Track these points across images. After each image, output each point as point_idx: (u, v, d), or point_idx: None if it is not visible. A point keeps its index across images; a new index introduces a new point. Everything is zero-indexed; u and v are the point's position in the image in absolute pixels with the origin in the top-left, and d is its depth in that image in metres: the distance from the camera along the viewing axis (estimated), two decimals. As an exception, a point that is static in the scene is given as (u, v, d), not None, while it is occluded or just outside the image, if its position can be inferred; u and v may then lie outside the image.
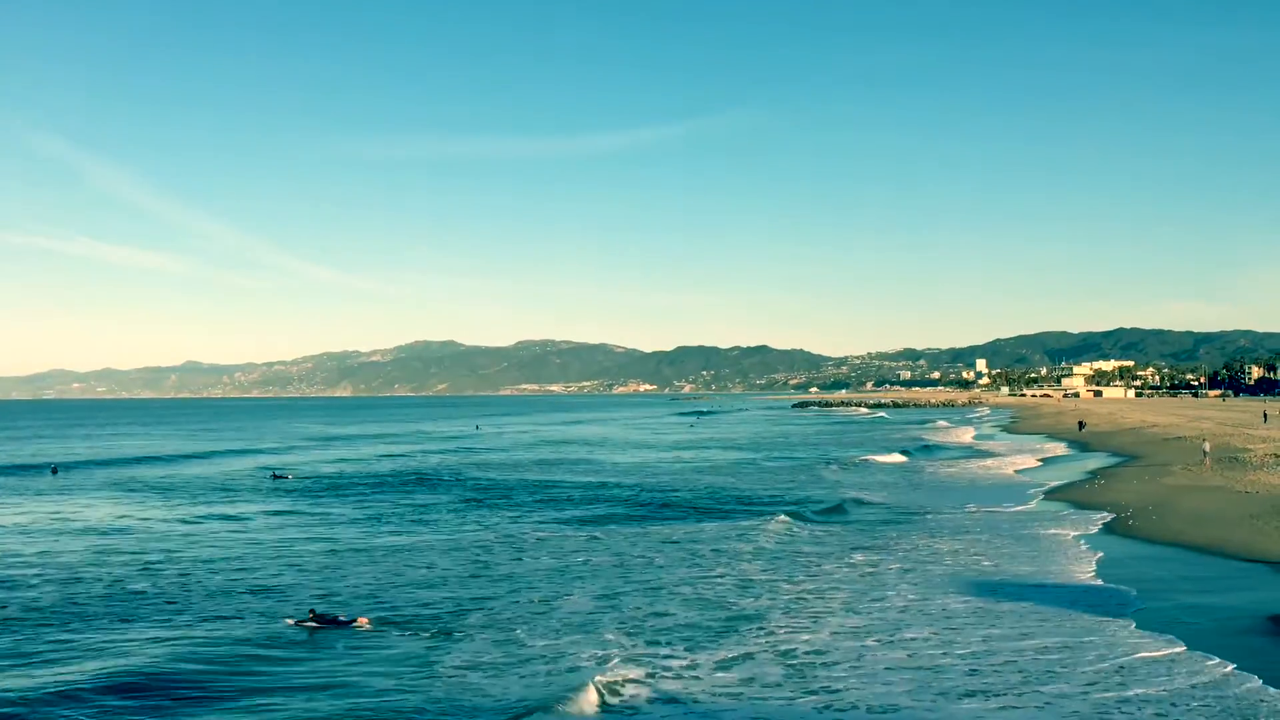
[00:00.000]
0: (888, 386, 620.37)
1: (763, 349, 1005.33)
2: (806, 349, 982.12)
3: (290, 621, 25.16)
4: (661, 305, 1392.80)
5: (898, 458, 78.98)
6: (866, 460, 76.14)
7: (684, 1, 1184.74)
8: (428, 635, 23.56)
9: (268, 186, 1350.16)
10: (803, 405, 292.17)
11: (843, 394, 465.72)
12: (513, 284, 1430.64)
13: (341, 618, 25.10)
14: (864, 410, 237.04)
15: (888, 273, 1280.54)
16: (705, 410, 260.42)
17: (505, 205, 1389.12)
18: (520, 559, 33.82)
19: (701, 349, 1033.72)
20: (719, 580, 29.49)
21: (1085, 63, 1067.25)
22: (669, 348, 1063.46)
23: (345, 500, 54.41)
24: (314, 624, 24.71)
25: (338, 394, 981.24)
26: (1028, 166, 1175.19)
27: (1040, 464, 71.07)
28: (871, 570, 30.80)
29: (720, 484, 60.77)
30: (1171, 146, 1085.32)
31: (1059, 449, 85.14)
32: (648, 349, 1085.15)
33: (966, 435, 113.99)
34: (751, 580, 29.44)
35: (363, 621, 24.93)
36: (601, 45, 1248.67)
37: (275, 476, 69.32)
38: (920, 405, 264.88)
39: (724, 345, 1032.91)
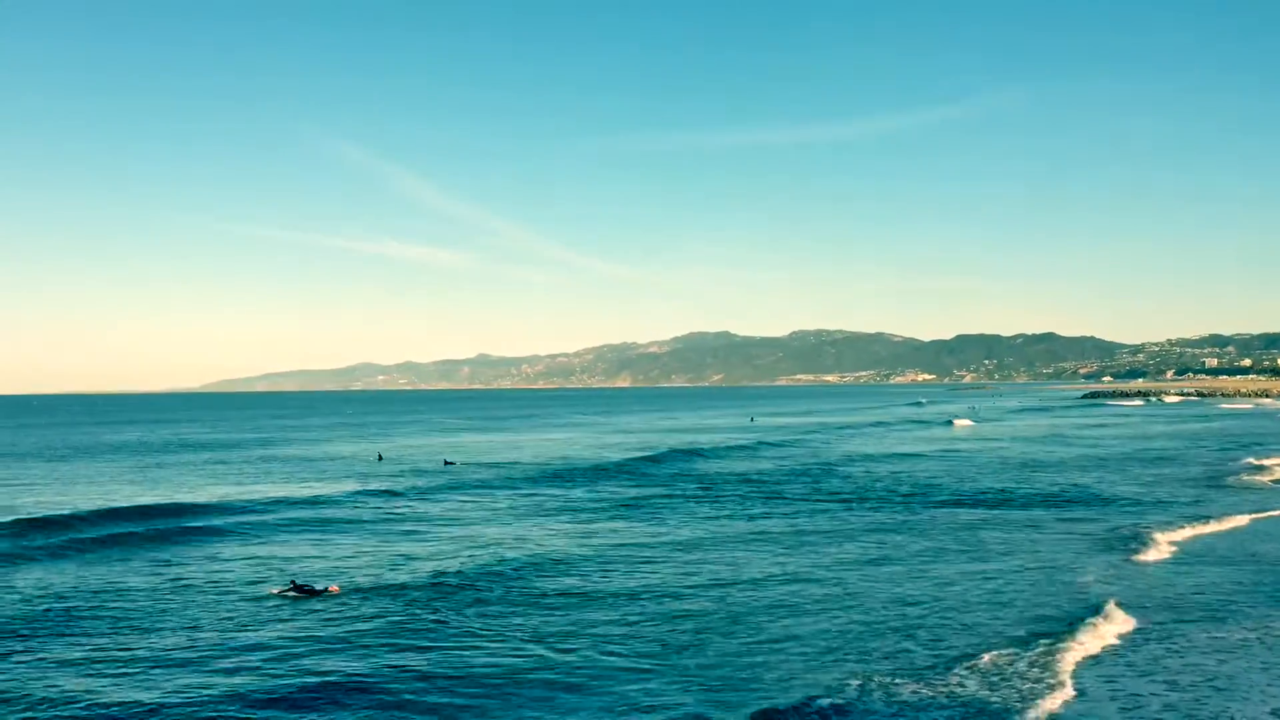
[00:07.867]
0: (1190, 375, 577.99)
1: (1049, 336, 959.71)
2: (1097, 336, 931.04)
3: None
4: (940, 292, 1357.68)
5: None
6: None
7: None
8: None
9: (551, 185, 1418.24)
10: (1093, 395, 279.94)
11: (1139, 383, 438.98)
12: (786, 274, 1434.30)
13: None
14: None
15: (1190, 251, 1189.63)
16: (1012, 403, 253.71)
17: (776, 195, 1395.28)
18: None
19: (982, 337, 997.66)
20: None
21: None
22: (948, 336, 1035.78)
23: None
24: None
25: (617, 384, 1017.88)
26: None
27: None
28: None
29: None
30: None
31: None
32: (926, 338, 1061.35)
33: None
34: None
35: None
36: (869, 28, 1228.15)
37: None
38: (1229, 395, 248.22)
39: (1007, 333, 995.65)
